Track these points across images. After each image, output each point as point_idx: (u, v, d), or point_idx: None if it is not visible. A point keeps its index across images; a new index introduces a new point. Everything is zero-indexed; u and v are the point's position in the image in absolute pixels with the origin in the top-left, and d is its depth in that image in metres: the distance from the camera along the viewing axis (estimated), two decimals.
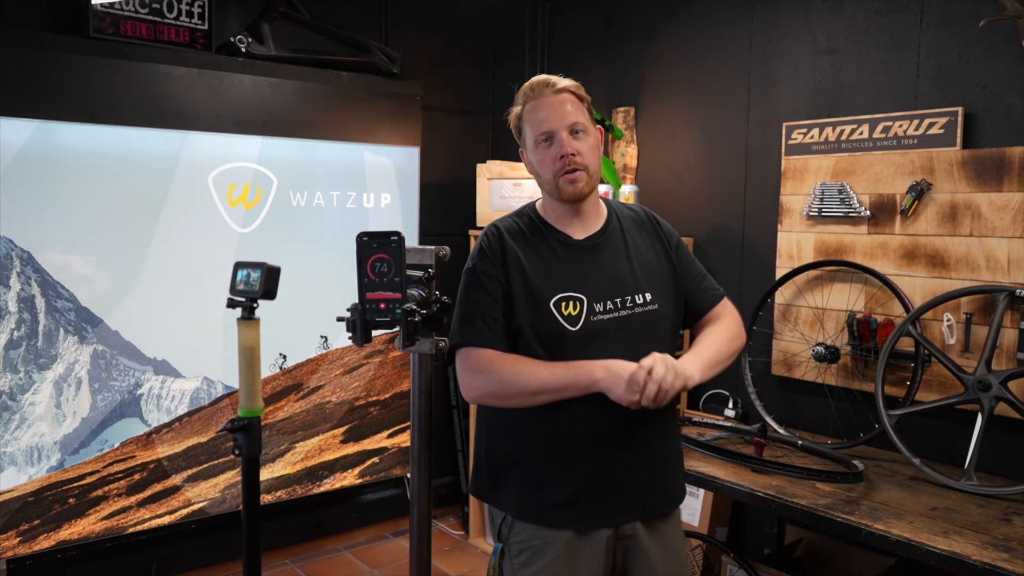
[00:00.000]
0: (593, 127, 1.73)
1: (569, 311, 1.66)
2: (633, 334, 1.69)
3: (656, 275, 1.75)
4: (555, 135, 1.67)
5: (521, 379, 1.62)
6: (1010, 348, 2.28)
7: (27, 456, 2.85)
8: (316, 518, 3.66)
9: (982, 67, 2.39)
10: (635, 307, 1.70)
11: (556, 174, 1.67)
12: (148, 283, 3.03)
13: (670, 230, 1.84)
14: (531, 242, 1.72)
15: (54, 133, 2.80)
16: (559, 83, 1.71)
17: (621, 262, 1.73)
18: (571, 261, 1.70)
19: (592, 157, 1.69)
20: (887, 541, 1.88)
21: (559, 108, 1.68)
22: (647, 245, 1.78)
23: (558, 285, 1.67)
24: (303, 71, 3.36)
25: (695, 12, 3.23)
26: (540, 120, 1.68)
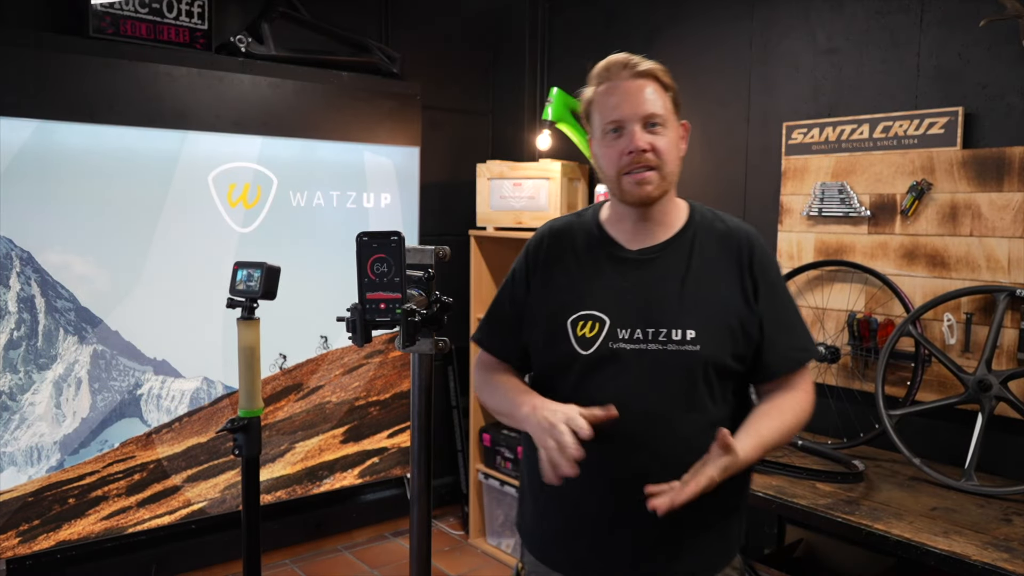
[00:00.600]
0: (676, 120, 1.47)
1: (584, 332, 1.43)
2: (661, 374, 1.40)
3: (713, 310, 1.42)
4: (625, 126, 1.41)
5: (484, 394, 1.56)
6: (1010, 348, 2.28)
7: (27, 456, 2.85)
8: (316, 518, 3.66)
9: (982, 67, 2.38)
10: (668, 343, 1.40)
11: (620, 171, 1.43)
12: (148, 283, 3.03)
13: (767, 264, 1.48)
14: (576, 248, 1.52)
15: (54, 133, 2.80)
16: (640, 64, 1.44)
17: (670, 285, 1.43)
18: (610, 276, 1.47)
19: (669, 156, 1.43)
20: (887, 541, 1.88)
21: (635, 95, 1.42)
22: (719, 271, 1.45)
23: (582, 301, 1.45)
24: (303, 71, 3.36)
25: (695, 12, 3.23)
26: (611, 107, 1.43)
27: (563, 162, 3.44)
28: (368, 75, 3.56)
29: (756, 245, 1.49)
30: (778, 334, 1.46)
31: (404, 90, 3.65)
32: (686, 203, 1.54)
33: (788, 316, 1.49)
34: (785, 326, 1.47)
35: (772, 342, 1.45)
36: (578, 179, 3.54)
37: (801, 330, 1.50)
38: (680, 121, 1.49)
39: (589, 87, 1.49)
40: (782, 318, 1.47)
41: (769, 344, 1.45)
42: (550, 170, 3.41)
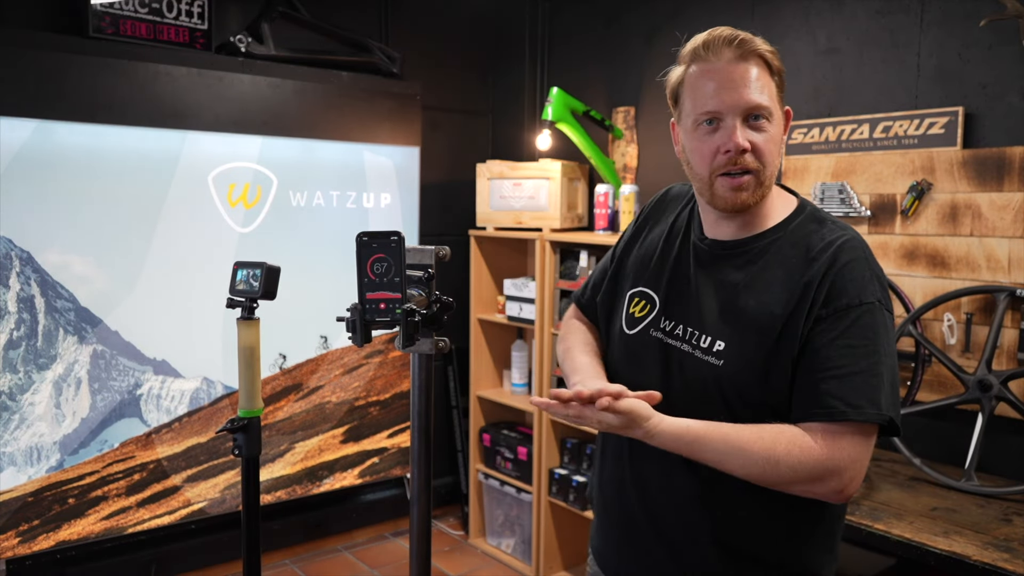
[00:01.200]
0: (780, 111, 1.26)
1: (635, 310, 1.36)
2: (683, 378, 1.28)
3: (749, 329, 1.22)
4: (724, 118, 1.21)
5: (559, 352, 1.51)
6: (1010, 348, 2.28)
7: (27, 456, 2.85)
8: (316, 518, 3.66)
9: (982, 67, 2.38)
10: (696, 349, 1.27)
11: (714, 172, 1.23)
12: (148, 283, 3.03)
13: (845, 288, 1.18)
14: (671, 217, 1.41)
15: (54, 133, 2.80)
16: (748, 42, 1.22)
17: (723, 289, 1.28)
18: (679, 258, 1.35)
19: (771, 156, 1.22)
20: (887, 541, 1.88)
21: (738, 82, 1.20)
22: (773, 289, 1.23)
23: (644, 276, 1.38)
24: (303, 71, 3.36)
25: (695, 12, 3.23)
26: (707, 93, 1.22)
27: (563, 162, 3.44)
28: (368, 75, 3.56)
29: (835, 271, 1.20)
30: (819, 375, 1.17)
31: (404, 90, 3.65)
32: (796, 200, 1.33)
33: (840, 363, 1.17)
34: (830, 371, 1.17)
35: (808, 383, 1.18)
36: (578, 179, 3.54)
37: (854, 383, 1.16)
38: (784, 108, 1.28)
39: (680, 66, 1.30)
40: (829, 361, 1.17)
41: (802, 384, 1.19)
42: (550, 170, 3.41)
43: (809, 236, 1.25)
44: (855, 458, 1.16)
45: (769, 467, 1.15)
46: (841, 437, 1.16)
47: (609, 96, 3.57)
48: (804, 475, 1.15)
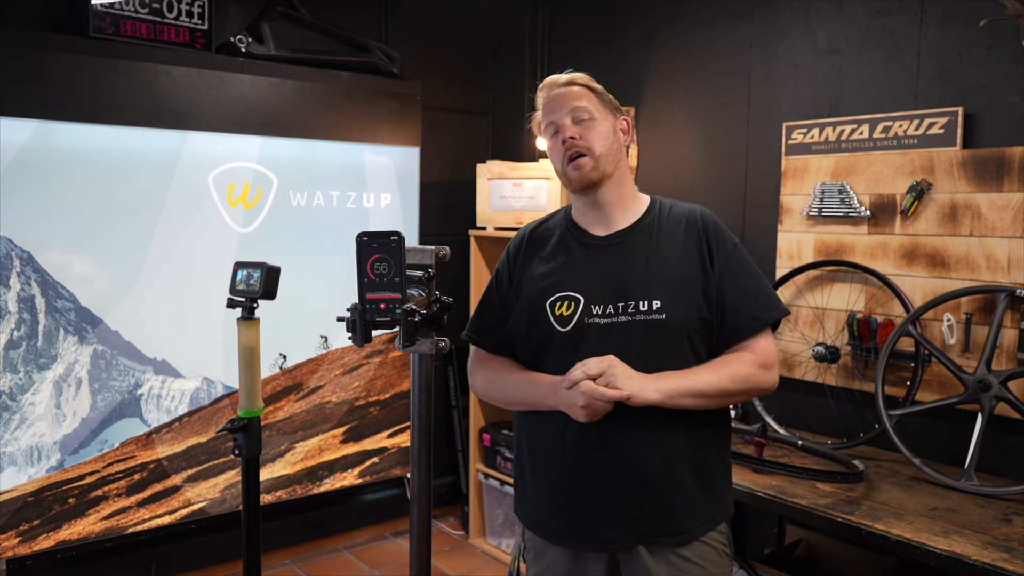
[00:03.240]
0: (606, 115, 1.67)
1: (562, 311, 1.60)
2: (633, 343, 1.55)
3: (675, 282, 1.58)
4: (558, 123, 1.64)
5: (495, 388, 1.70)
6: (1010, 348, 2.28)
7: (27, 456, 2.85)
8: (316, 518, 3.66)
9: (982, 67, 2.38)
10: (637, 314, 1.56)
11: (564, 164, 1.63)
12: (148, 283, 3.03)
13: (722, 238, 1.63)
14: (550, 241, 1.69)
15: (54, 133, 2.80)
16: (564, 77, 1.71)
17: (637, 265, 1.60)
18: (581, 260, 1.64)
19: (598, 142, 1.62)
20: (887, 541, 1.88)
21: (562, 98, 1.66)
22: (679, 248, 1.62)
23: (558, 284, 1.62)
24: (303, 71, 3.36)
25: (695, 12, 3.23)
26: (547, 113, 1.68)
27: None
28: (368, 75, 3.56)
29: (708, 222, 1.65)
30: (740, 300, 1.59)
31: (404, 90, 3.65)
32: (648, 196, 1.72)
33: (748, 284, 1.61)
34: (745, 293, 1.59)
35: (733, 309, 1.58)
36: None
37: (764, 297, 1.61)
38: (619, 116, 1.69)
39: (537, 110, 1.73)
40: (741, 285, 1.60)
41: (729, 311, 1.58)
42: (550, 170, 3.41)
43: (673, 208, 1.67)
44: (775, 351, 1.61)
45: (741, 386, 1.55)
46: (759, 339, 1.59)
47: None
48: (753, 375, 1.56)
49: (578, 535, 1.62)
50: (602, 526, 1.59)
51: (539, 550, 1.69)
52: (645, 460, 1.56)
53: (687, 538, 1.58)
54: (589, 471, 1.58)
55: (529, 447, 1.69)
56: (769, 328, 1.61)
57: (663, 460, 1.57)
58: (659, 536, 1.58)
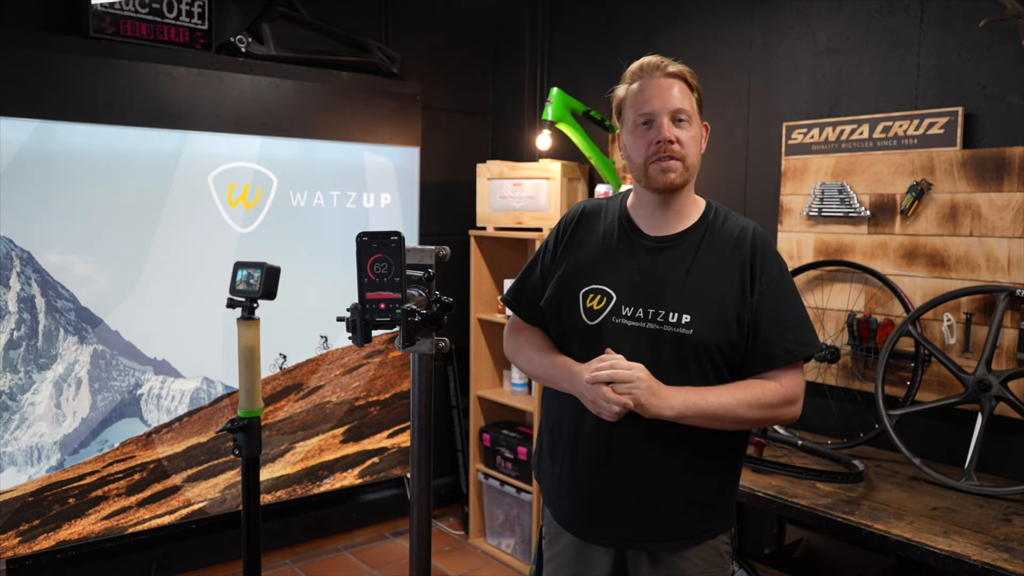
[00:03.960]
0: (699, 119, 1.63)
1: (592, 304, 1.59)
2: (655, 352, 1.54)
3: (710, 299, 1.55)
4: (655, 119, 1.56)
5: (521, 358, 1.74)
6: (1010, 348, 2.28)
7: (27, 456, 2.85)
8: (316, 518, 3.67)
9: (982, 67, 2.38)
10: (664, 324, 1.54)
11: (648, 160, 1.56)
12: (148, 283, 3.03)
13: (768, 262, 1.58)
14: (602, 226, 1.67)
15: (54, 133, 2.80)
16: (671, 66, 1.59)
17: (675, 274, 1.57)
18: (624, 256, 1.61)
19: (692, 149, 1.58)
20: (887, 541, 1.88)
21: (665, 91, 1.57)
22: (720, 265, 1.58)
23: (595, 275, 1.62)
24: (303, 71, 3.36)
25: (695, 12, 3.23)
26: (642, 101, 1.58)
27: (563, 162, 3.44)
28: (368, 75, 3.56)
29: (759, 243, 1.60)
30: (771, 330, 1.55)
31: (404, 90, 3.65)
32: (704, 200, 1.68)
33: (785, 316, 1.56)
34: (780, 324, 1.55)
35: (763, 338, 1.55)
36: (578, 179, 3.54)
37: (800, 329, 1.56)
38: (703, 122, 1.65)
39: (622, 85, 1.64)
40: (776, 315, 1.55)
41: (762, 338, 1.55)
42: (550, 170, 3.41)
43: (727, 221, 1.63)
44: (802, 385, 1.58)
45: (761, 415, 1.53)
46: (789, 372, 1.55)
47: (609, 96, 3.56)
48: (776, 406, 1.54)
49: (584, 526, 1.65)
50: (606, 523, 1.61)
51: (553, 535, 1.72)
52: (652, 470, 1.57)
53: (688, 543, 1.60)
54: (597, 468, 1.60)
55: (551, 427, 1.71)
56: (801, 362, 1.58)
57: (671, 471, 1.57)
58: (659, 542, 1.60)
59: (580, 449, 1.62)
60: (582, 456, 1.62)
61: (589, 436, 1.60)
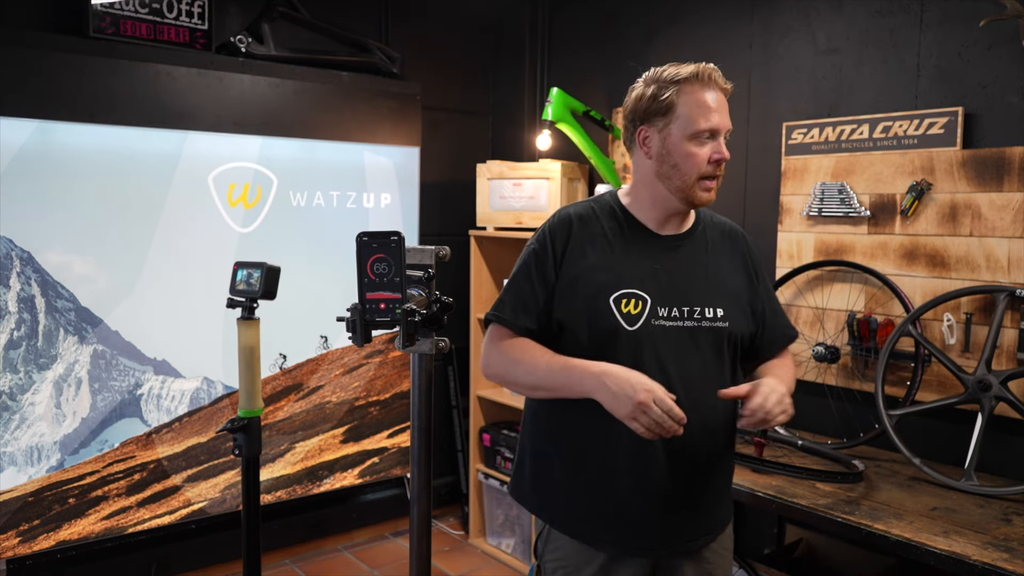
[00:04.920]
0: None
1: (629, 309, 1.54)
2: (696, 348, 1.57)
3: (731, 292, 1.62)
4: (718, 135, 1.54)
5: (521, 369, 1.56)
6: (1010, 348, 2.28)
7: (27, 456, 2.85)
8: (316, 518, 3.67)
9: (982, 67, 2.38)
10: (702, 320, 1.57)
11: (703, 175, 1.54)
12: (148, 283, 3.03)
13: (757, 256, 1.72)
14: (604, 230, 1.60)
15: (54, 133, 2.80)
16: (727, 83, 1.58)
17: (697, 269, 1.61)
18: (642, 257, 1.59)
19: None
20: (887, 541, 1.88)
21: (725, 108, 1.55)
22: (727, 261, 1.66)
23: (621, 280, 1.56)
24: (303, 71, 3.36)
25: (695, 12, 3.23)
26: (709, 112, 1.52)
27: (563, 162, 3.44)
28: (368, 75, 3.56)
29: (750, 239, 1.74)
30: (772, 316, 1.70)
31: (404, 90, 3.65)
32: None
33: (775, 301, 1.74)
34: (775, 310, 1.72)
35: (770, 324, 1.69)
36: (578, 179, 3.54)
37: (784, 314, 1.77)
38: None
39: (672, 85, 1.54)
40: (774, 304, 1.72)
41: (768, 325, 1.69)
42: (550, 170, 3.41)
43: (714, 220, 1.70)
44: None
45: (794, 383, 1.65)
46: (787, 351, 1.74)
47: (609, 96, 3.57)
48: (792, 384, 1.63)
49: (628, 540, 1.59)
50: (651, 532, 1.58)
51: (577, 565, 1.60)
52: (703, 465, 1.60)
53: (719, 533, 1.68)
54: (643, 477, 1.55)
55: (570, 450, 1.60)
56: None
57: (717, 463, 1.63)
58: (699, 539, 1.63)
59: (621, 464, 1.55)
60: (626, 470, 1.55)
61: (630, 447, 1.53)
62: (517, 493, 1.74)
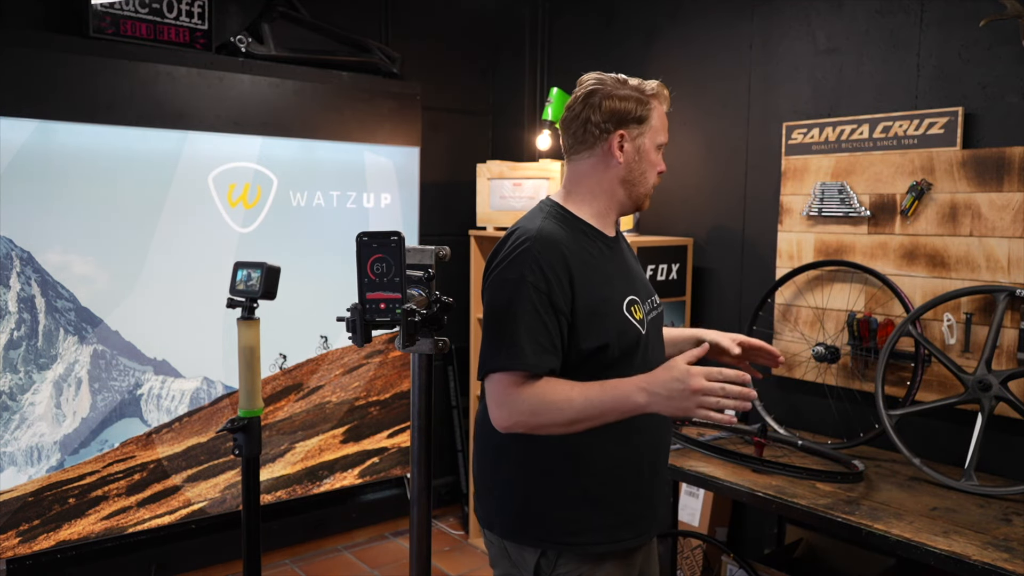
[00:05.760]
0: None
1: (636, 315, 1.59)
2: (658, 336, 1.74)
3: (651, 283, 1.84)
4: (663, 149, 1.70)
5: (555, 408, 1.44)
6: (1010, 348, 2.28)
7: (27, 456, 2.85)
8: (316, 518, 3.66)
9: (982, 67, 2.39)
10: (659, 307, 1.74)
11: (654, 184, 1.69)
12: (148, 283, 3.03)
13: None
14: (581, 246, 1.58)
15: (54, 133, 2.80)
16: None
17: (635, 265, 1.75)
18: (616, 262, 1.66)
19: None
20: (887, 541, 1.88)
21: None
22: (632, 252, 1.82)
23: (622, 289, 1.60)
24: (303, 71, 3.36)
25: (695, 12, 3.23)
26: (666, 126, 1.70)
27: (563, 162, 3.44)
28: (368, 75, 3.56)
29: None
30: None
31: (404, 90, 3.65)
32: None
33: None
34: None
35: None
36: None
37: None
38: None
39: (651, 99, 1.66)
40: None
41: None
42: (550, 170, 3.41)
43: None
44: None
45: None
46: None
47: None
48: None
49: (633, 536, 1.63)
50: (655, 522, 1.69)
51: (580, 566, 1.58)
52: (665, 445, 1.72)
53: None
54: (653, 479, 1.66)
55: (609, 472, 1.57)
56: None
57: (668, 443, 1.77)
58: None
59: (662, 461, 1.69)
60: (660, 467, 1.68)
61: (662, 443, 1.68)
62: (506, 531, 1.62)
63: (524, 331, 1.46)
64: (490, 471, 1.65)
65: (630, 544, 1.62)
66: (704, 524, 3.05)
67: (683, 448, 2.49)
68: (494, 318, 1.50)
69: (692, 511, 3.08)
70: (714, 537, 2.97)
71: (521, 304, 1.47)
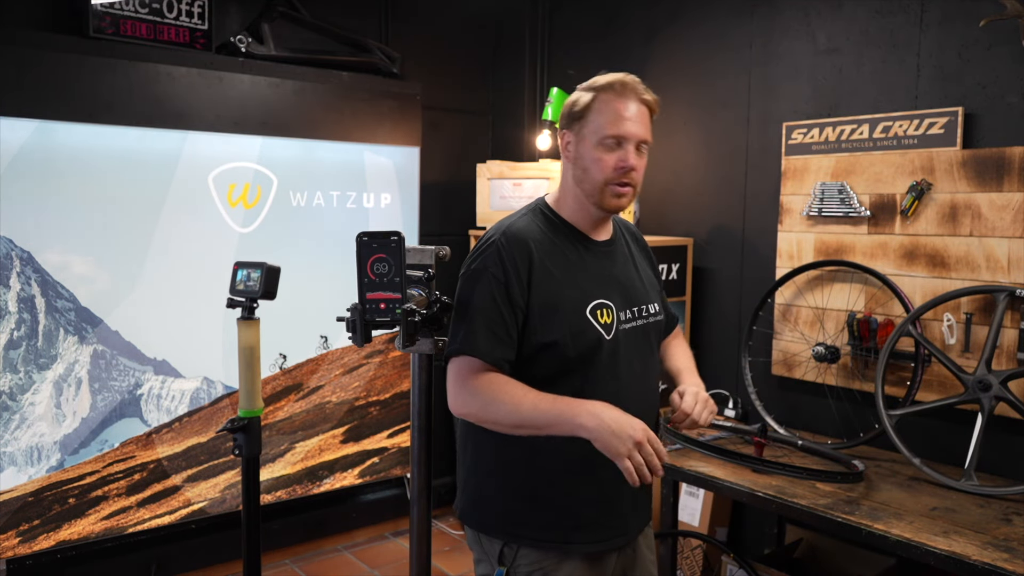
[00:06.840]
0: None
1: (604, 319, 1.57)
2: (646, 344, 1.68)
3: (653, 286, 1.76)
4: (624, 143, 1.57)
5: (503, 409, 1.47)
6: (1010, 348, 2.28)
7: (27, 456, 2.85)
8: (316, 518, 3.66)
9: (982, 67, 2.39)
10: (648, 317, 1.68)
11: (608, 181, 1.57)
12: (148, 283, 3.03)
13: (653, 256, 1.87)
14: (556, 245, 1.59)
15: (54, 133, 2.80)
16: (647, 94, 1.63)
17: (631, 269, 1.70)
18: (594, 266, 1.62)
19: (641, 178, 1.63)
20: (887, 541, 1.88)
21: (640, 119, 1.60)
22: (641, 256, 1.78)
23: (591, 291, 1.58)
24: (303, 71, 3.36)
25: (695, 12, 3.23)
26: (616, 120, 1.57)
27: None
28: (368, 75, 3.56)
29: (639, 231, 1.88)
30: (665, 302, 1.84)
31: (404, 90, 3.65)
32: None
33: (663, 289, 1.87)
34: (664, 296, 1.85)
35: (666, 308, 1.83)
36: None
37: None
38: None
39: (588, 91, 1.63)
40: (663, 292, 1.84)
41: (666, 309, 1.83)
42: (550, 170, 3.41)
43: (618, 223, 1.77)
44: None
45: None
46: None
47: None
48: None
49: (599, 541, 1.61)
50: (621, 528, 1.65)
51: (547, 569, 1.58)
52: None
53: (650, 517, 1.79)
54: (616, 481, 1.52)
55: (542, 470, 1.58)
56: None
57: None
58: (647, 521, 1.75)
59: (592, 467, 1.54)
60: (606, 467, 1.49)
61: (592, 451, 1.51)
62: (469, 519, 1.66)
63: (481, 320, 1.51)
64: (461, 460, 1.70)
65: (586, 549, 1.58)
66: (704, 524, 3.05)
67: (683, 448, 2.49)
68: (458, 307, 1.56)
69: (692, 511, 3.08)
70: (714, 537, 2.97)
71: (482, 295, 1.53)
